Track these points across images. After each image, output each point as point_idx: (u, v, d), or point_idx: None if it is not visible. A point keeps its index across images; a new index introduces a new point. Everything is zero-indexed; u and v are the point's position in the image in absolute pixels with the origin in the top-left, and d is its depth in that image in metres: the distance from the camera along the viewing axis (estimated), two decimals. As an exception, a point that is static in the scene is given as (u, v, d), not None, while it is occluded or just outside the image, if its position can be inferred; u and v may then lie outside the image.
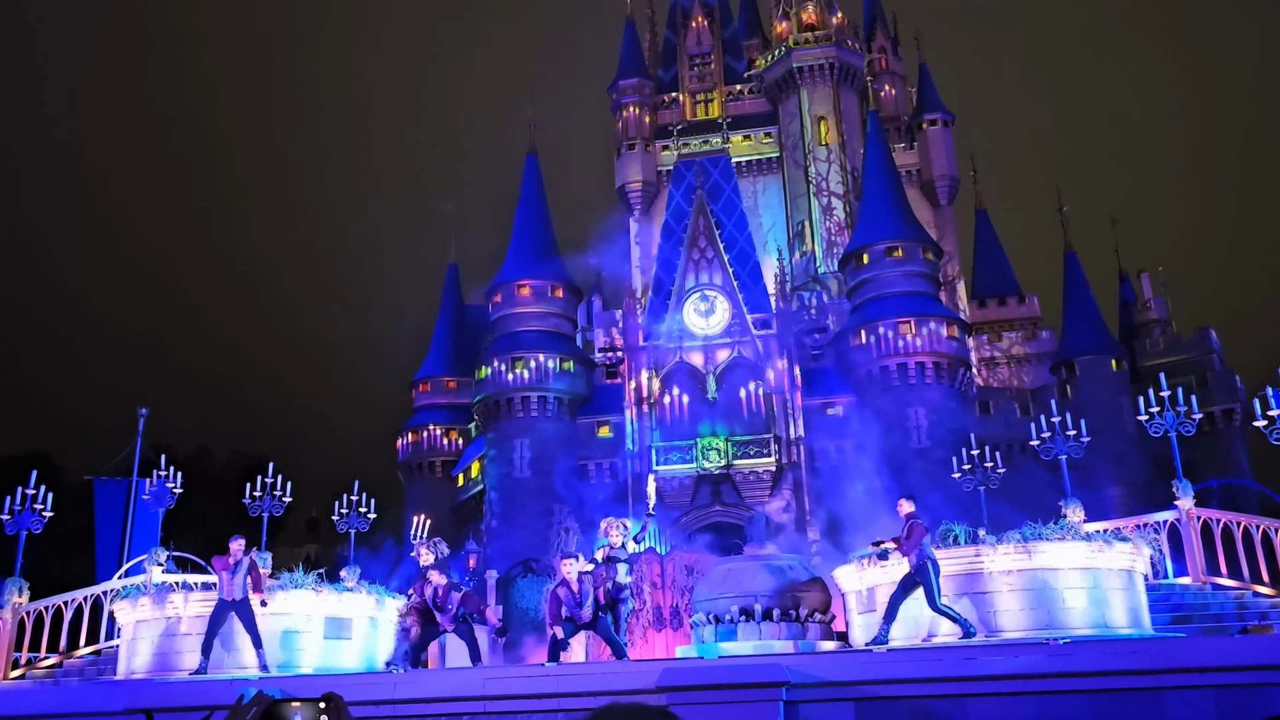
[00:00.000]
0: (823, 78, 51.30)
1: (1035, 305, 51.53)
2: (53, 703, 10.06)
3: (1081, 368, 43.06)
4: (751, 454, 38.45)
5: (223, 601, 13.33)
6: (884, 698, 8.28)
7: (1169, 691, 8.00)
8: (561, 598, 12.16)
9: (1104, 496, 36.89)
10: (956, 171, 53.50)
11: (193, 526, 38.54)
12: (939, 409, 38.30)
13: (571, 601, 12.06)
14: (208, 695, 9.11)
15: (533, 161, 46.19)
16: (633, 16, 56.79)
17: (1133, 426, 32.93)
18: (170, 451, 26.96)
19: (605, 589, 12.19)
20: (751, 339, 40.32)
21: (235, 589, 13.26)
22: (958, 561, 13.30)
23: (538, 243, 43.84)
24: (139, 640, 14.69)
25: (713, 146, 49.07)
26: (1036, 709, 8.10)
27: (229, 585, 13.31)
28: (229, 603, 13.28)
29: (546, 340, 41.61)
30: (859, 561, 14.49)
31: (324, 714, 2.40)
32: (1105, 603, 13.15)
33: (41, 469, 20.13)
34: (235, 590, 13.27)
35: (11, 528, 18.54)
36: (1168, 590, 17.75)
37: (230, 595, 13.27)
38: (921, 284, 41.02)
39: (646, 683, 8.26)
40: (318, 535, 60.56)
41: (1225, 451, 41.41)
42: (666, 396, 40.00)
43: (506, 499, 39.59)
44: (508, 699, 8.66)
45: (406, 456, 48.17)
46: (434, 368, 49.98)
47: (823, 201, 49.91)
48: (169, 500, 21.51)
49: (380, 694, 8.86)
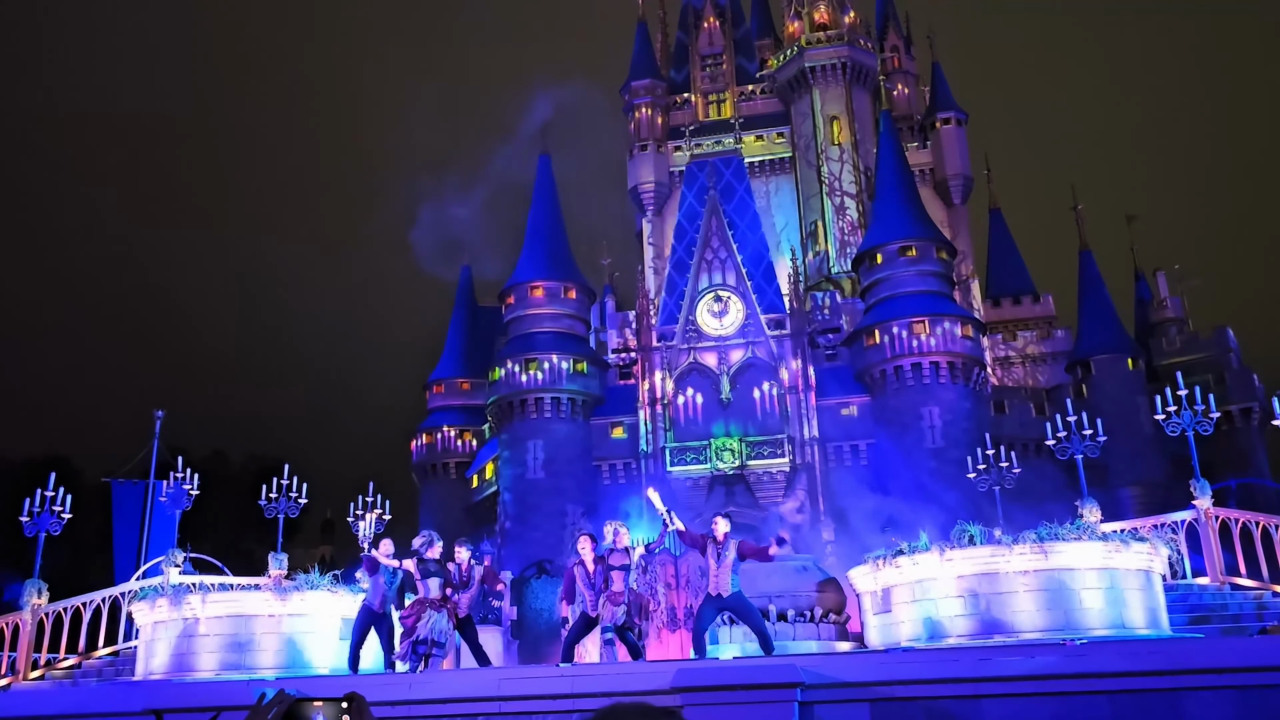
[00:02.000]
0: (835, 77, 51.21)
1: (1050, 304, 51.30)
2: (72, 703, 10.14)
3: (1097, 367, 42.85)
4: (765, 454, 38.41)
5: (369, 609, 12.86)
6: (899, 698, 8.26)
7: (1187, 692, 7.95)
8: (577, 577, 12.06)
9: (1120, 496, 36.74)
10: (970, 170, 53.29)
11: (209, 528, 38.78)
12: (954, 409, 38.17)
13: (586, 582, 11.90)
14: (225, 696, 9.16)
15: (545, 163, 46.26)
16: (644, 17, 56.80)
17: (1149, 426, 32.77)
18: (187, 454, 27.14)
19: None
20: (765, 339, 40.28)
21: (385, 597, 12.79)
22: (974, 561, 13.25)
23: (551, 244, 43.90)
24: (157, 641, 14.79)
25: (725, 147, 49.04)
26: (1053, 710, 8.06)
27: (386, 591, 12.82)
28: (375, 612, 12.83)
29: (560, 341, 41.66)
30: (874, 562, 14.45)
31: (346, 714, 2.41)
32: (1122, 603, 13.08)
33: (60, 471, 20.31)
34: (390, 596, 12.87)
35: (30, 530, 18.72)
36: (1185, 590, 17.64)
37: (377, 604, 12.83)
38: (935, 283, 40.88)
39: (661, 683, 8.26)
40: (333, 537, 60.84)
41: (1243, 451, 41.12)
42: (680, 397, 40.01)
43: (520, 500, 39.64)
44: (523, 699, 8.68)
45: (421, 458, 48.31)
46: (448, 369, 50.12)
47: (836, 201, 49.80)
48: (186, 502, 21.66)
49: (396, 694, 8.90)
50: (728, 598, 11.38)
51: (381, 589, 12.86)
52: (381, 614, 12.83)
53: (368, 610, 12.84)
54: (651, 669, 9.44)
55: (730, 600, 11.42)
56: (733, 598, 11.41)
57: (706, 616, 11.70)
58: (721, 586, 11.38)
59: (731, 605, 11.53)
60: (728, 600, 11.41)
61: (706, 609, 11.61)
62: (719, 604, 11.50)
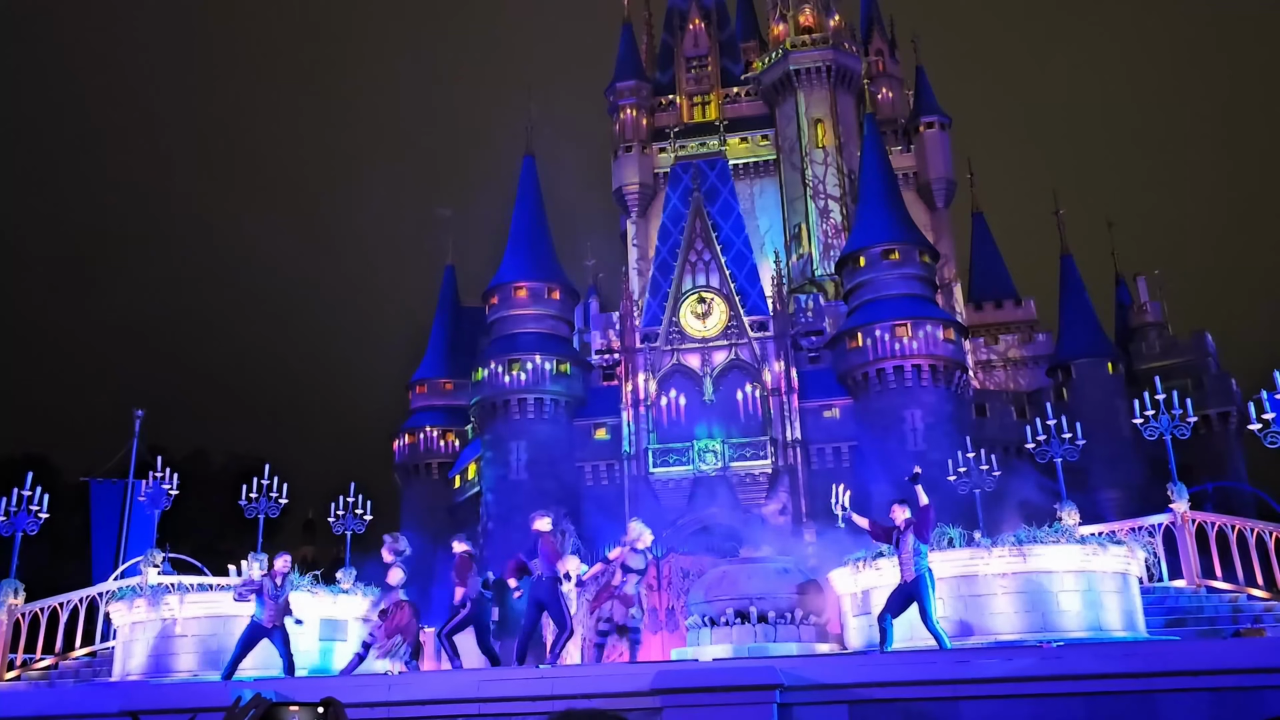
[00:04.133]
0: (820, 80, 51.36)
1: (1032, 308, 51.59)
2: (48, 704, 10.06)
3: (1078, 371, 43.14)
4: (748, 456, 38.49)
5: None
6: (878, 700, 8.30)
7: (1163, 694, 8.03)
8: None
9: (1099, 499, 36.96)
10: (953, 174, 53.55)
11: (189, 528, 38.50)
12: (935, 411, 38.36)
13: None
14: (202, 697, 9.11)
15: (530, 163, 46.20)
16: (630, 19, 56.80)
17: (1128, 429, 32.99)
18: (166, 453, 27.02)
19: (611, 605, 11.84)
20: (748, 341, 40.37)
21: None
22: (953, 564, 13.33)
23: (535, 245, 43.85)
24: (134, 642, 14.71)
25: (710, 149, 49.12)
26: (1030, 711, 8.13)
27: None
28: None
29: (543, 342, 41.62)
30: (854, 564, 14.52)
31: (322, 719, 2.41)
32: (1100, 605, 13.19)
33: (37, 470, 20.18)
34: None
35: (7, 529, 18.55)
36: (1162, 593, 17.79)
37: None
38: (918, 287, 41.07)
39: (641, 685, 8.28)
40: (314, 537, 60.51)
41: (1221, 455, 41.49)
42: (663, 398, 40.04)
43: (503, 501, 39.56)
44: (502, 701, 8.68)
45: (403, 458, 48.17)
46: (431, 369, 49.99)
47: (819, 204, 49.95)
48: (165, 502, 21.50)
49: (374, 696, 8.87)
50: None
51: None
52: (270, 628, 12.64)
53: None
54: (631, 670, 9.45)
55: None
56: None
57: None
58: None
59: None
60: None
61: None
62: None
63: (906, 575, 11.22)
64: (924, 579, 11.13)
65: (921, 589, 11.10)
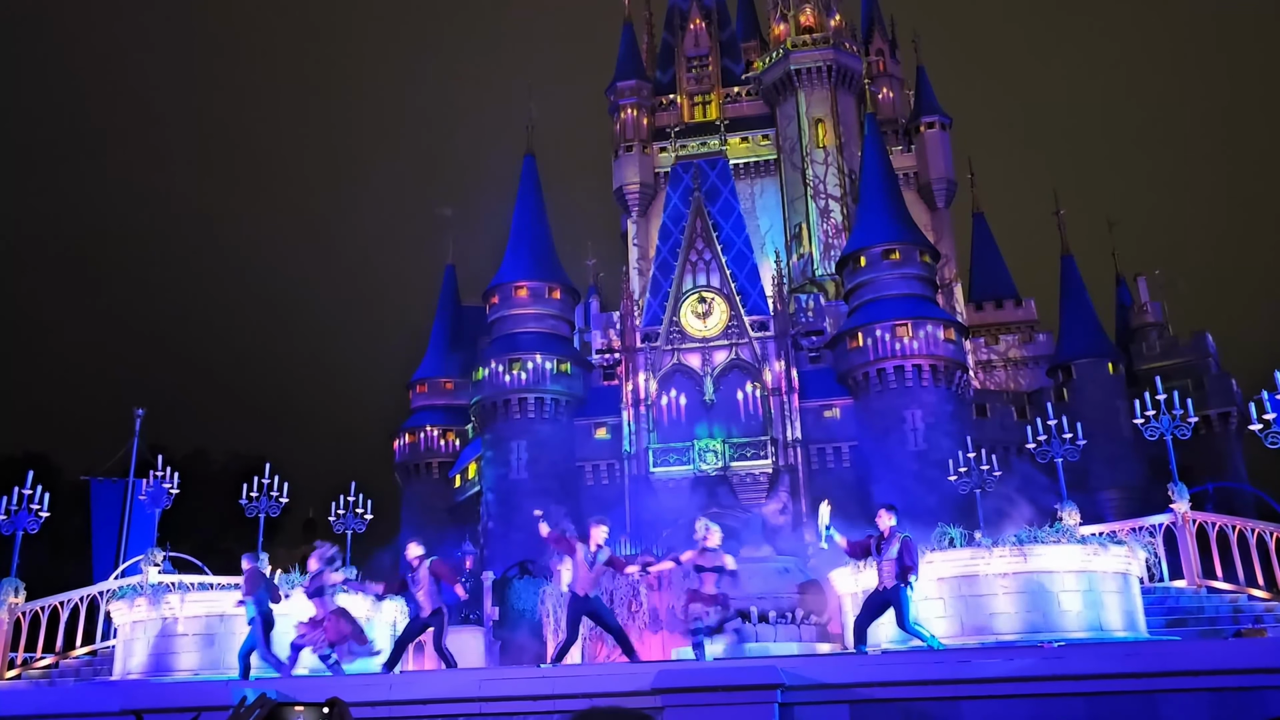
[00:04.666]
0: (820, 80, 51.36)
1: (1032, 308, 51.59)
2: (48, 703, 10.06)
3: (1078, 371, 43.13)
4: (749, 456, 38.50)
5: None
6: (879, 700, 8.30)
7: (1163, 695, 8.03)
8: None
9: (1100, 500, 36.98)
10: (954, 174, 53.56)
11: (189, 527, 38.50)
12: (936, 412, 38.36)
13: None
14: (205, 696, 9.12)
15: (530, 163, 46.20)
16: (631, 18, 56.80)
17: (1129, 430, 33.01)
18: (167, 452, 27.03)
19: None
20: (749, 341, 40.38)
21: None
22: (954, 564, 13.33)
23: (535, 244, 43.85)
24: (135, 641, 14.71)
25: (710, 148, 49.11)
26: (1031, 712, 8.13)
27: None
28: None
29: (544, 341, 41.62)
30: (855, 564, 14.51)
31: (327, 719, 2.42)
32: (1100, 605, 13.19)
33: (38, 469, 20.16)
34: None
35: (8, 528, 18.55)
36: (1163, 593, 17.80)
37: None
38: (918, 287, 41.07)
39: (642, 684, 8.28)
40: (314, 536, 60.45)
41: (1221, 455, 41.46)
42: (664, 398, 40.05)
43: (503, 500, 39.56)
44: (504, 700, 8.68)
45: (404, 458, 48.18)
46: (431, 369, 50.00)
47: (820, 204, 49.95)
48: (166, 501, 21.51)
49: (376, 695, 8.87)
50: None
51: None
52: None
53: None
54: (633, 670, 9.45)
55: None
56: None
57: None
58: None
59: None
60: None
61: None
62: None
63: (885, 582, 11.25)
64: (903, 589, 11.14)
65: (900, 596, 11.13)
